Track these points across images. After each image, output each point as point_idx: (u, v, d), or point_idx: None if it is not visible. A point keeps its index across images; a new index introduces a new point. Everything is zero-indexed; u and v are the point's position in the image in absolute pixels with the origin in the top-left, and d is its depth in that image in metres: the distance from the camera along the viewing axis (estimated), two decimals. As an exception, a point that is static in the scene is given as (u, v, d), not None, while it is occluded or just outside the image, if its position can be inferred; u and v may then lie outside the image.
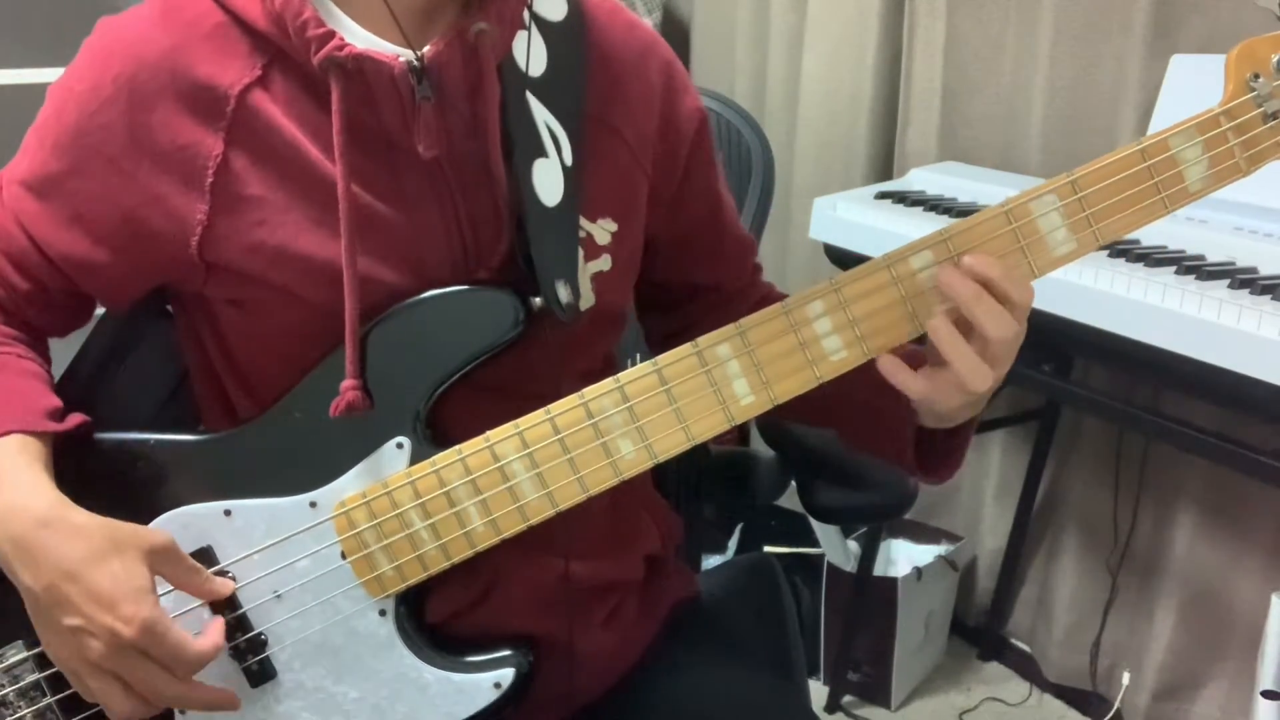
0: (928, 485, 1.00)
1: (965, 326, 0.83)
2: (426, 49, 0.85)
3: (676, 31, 2.99)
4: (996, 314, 0.82)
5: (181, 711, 0.90)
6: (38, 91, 0.91)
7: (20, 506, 0.81)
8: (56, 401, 0.89)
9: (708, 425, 0.86)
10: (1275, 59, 0.85)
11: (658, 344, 1.10)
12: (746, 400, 0.86)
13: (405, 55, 0.85)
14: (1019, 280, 0.83)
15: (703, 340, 0.86)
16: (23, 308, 0.93)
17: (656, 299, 1.09)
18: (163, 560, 0.83)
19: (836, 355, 0.86)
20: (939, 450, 0.97)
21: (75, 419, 0.89)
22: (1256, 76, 0.85)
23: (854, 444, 1.06)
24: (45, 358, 0.95)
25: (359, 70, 0.83)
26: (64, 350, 1.01)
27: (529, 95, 0.90)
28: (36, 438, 0.86)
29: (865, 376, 0.87)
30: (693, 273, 1.07)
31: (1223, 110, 0.85)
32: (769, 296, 1.09)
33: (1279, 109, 0.85)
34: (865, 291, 0.85)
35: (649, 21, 2.70)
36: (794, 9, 2.59)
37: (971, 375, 0.83)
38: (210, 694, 0.86)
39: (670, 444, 0.86)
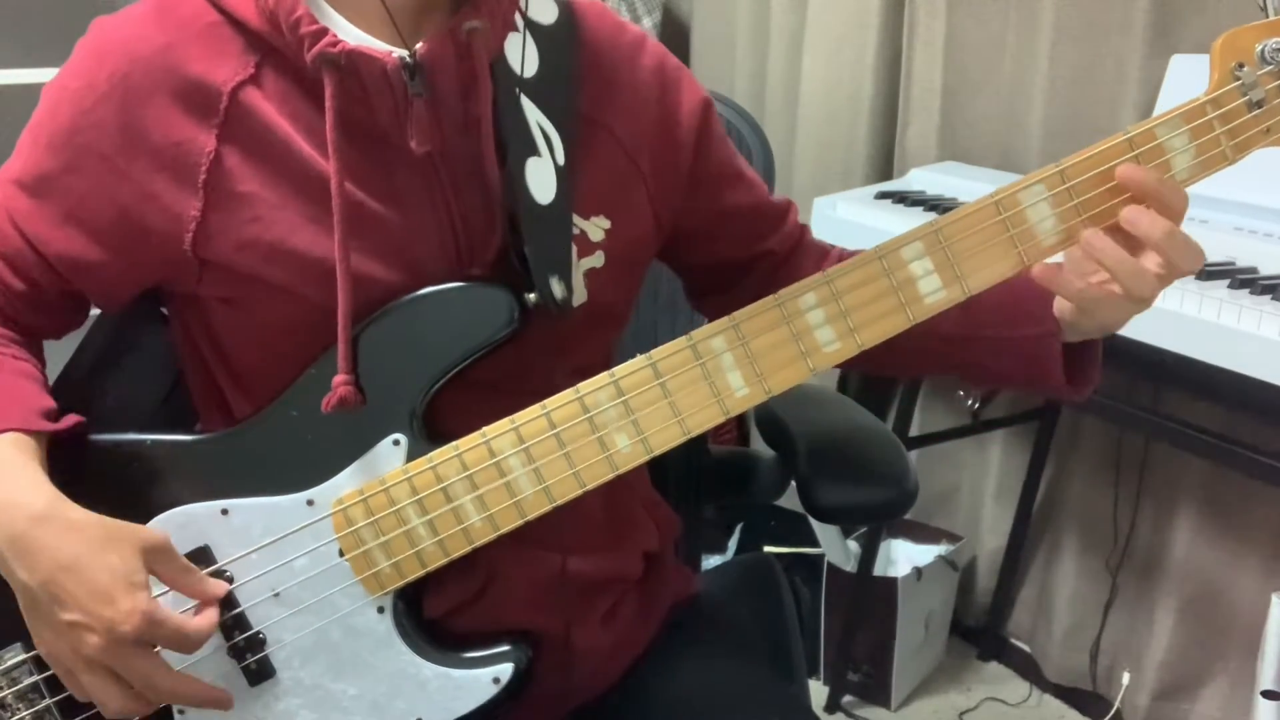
0: (1070, 397, 0.99)
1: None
2: (419, 46, 0.85)
3: (676, 31, 2.99)
4: (1185, 246, 0.85)
5: (180, 711, 0.90)
6: (35, 91, 0.91)
7: (17, 502, 0.81)
8: (50, 403, 0.89)
9: (703, 418, 0.86)
10: (1259, 48, 0.86)
11: None
12: (741, 392, 0.86)
13: (398, 52, 0.85)
14: (1172, 189, 0.85)
15: (697, 334, 0.86)
16: (17, 309, 0.93)
17: (714, 282, 1.09)
18: (157, 558, 0.83)
19: (830, 346, 0.86)
20: (1075, 364, 0.97)
21: (70, 420, 0.89)
22: (1241, 66, 0.86)
23: (988, 379, 1.08)
24: (40, 360, 0.95)
25: (352, 67, 0.84)
26: (61, 352, 1.01)
27: (521, 96, 0.90)
28: (31, 437, 0.86)
29: (996, 310, 0.91)
30: (736, 250, 1.07)
31: (1209, 99, 0.86)
32: (828, 252, 1.09)
33: (1263, 97, 0.86)
34: (858, 283, 0.86)
35: (648, 22, 2.70)
36: (794, 9, 2.59)
37: (1137, 284, 0.85)
38: (205, 690, 0.86)
39: (666, 437, 0.87)
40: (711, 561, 2.17)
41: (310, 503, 0.89)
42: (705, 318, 1.13)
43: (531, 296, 0.88)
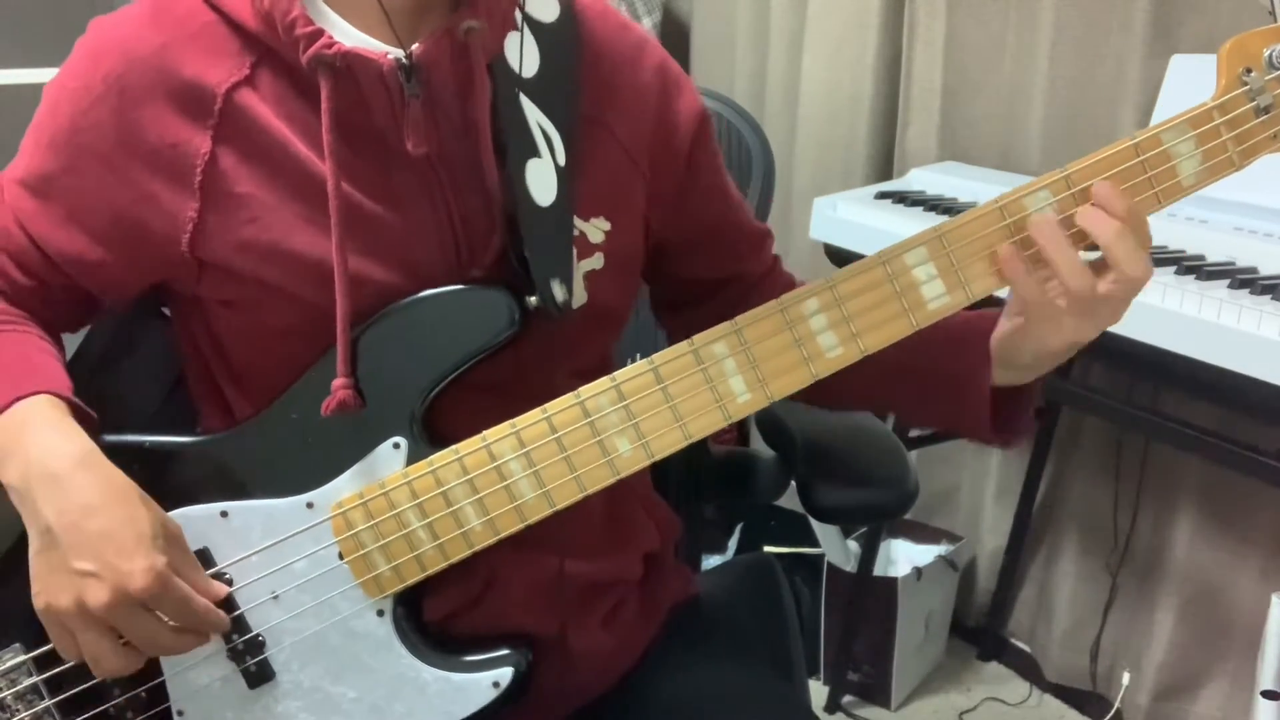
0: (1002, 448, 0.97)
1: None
2: (415, 46, 0.85)
3: (676, 31, 2.99)
4: (1134, 253, 0.82)
5: (180, 712, 0.90)
6: (35, 91, 0.91)
7: (60, 446, 0.83)
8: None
9: (704, 423, 0.86)
10: (1267, 53, 0.85)
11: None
12: (743, 398, 0.86)
13: (394, 53, 0.85)
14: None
15: (698, 338, 0.86)
16: (29, 303, 0.94)
17: (681, 297, 1.09)
18: (173, 543, 0.84)
19: (832, 352, 0.86)
20: (1007, 411, 0.95)
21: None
22: (1249, 71, 0.85)
23: (919, 417, 1.03)
24: (60, 348, 0.96)
25: (347, 68, 0.84)
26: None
27: (521, 95, 0.90)
28: (65, 403, 0.87)
29: (932, 345, 0.89)
30: (711, 268, 1.07)
31: (1216, 104, 0.86)
32: (794, 286, 1.07)
33: (1271, 103, 0.86)
34: (860, 289, 0.86)
35: (648, 22, 2.70)
36: (794, 9, 2.59)
37: (1073, 278, 0.82)
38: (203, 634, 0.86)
39: (667, 442, 0.86)
40: (711, 561, 2.17)
41: (310, 505, 0.89)
42: (664, 330, 1.13)
43: (532, 299, 0.88)
